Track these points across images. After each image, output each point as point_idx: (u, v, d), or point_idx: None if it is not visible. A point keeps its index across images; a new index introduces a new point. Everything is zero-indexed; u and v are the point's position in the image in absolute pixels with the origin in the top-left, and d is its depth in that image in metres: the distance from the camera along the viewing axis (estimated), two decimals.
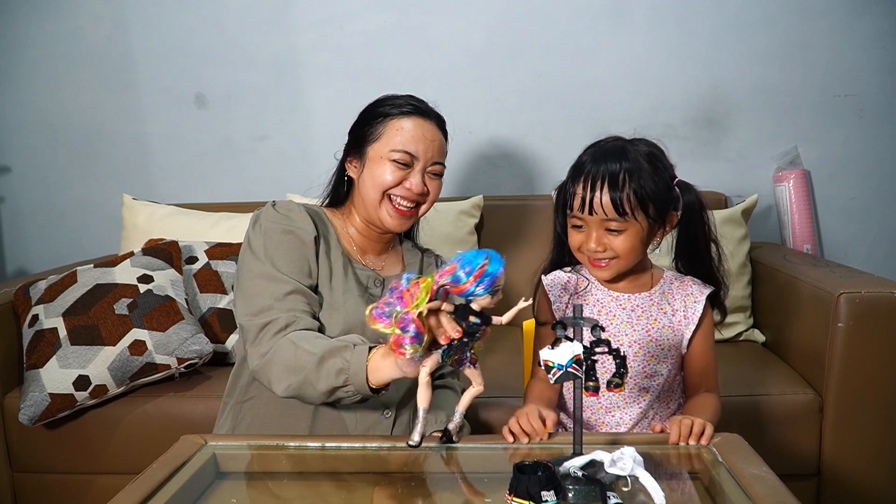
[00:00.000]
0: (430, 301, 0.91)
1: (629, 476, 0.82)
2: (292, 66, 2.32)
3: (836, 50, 2.20)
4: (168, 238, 1.95)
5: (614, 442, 0.98)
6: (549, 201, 2.14)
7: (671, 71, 2.24)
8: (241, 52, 2.31)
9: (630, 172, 1.12)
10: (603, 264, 1.17)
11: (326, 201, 1.39)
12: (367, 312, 0.93)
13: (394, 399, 1.26)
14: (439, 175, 1.32)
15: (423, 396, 0.94)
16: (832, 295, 1.53)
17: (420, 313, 0.90)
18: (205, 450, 1.00)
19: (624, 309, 1.22)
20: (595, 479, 0.84)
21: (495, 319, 0.94)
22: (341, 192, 1.38)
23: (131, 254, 1.83)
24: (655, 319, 1.21)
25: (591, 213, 1.13)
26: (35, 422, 1.59)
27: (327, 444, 1.00)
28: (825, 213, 2.27)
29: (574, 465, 0.85)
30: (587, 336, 0.88)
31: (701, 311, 1.21)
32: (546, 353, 0.85)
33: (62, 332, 1.65)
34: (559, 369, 0.84)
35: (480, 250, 0.91)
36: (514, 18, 2.26)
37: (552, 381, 0.85)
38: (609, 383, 0.87)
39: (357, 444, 1.01)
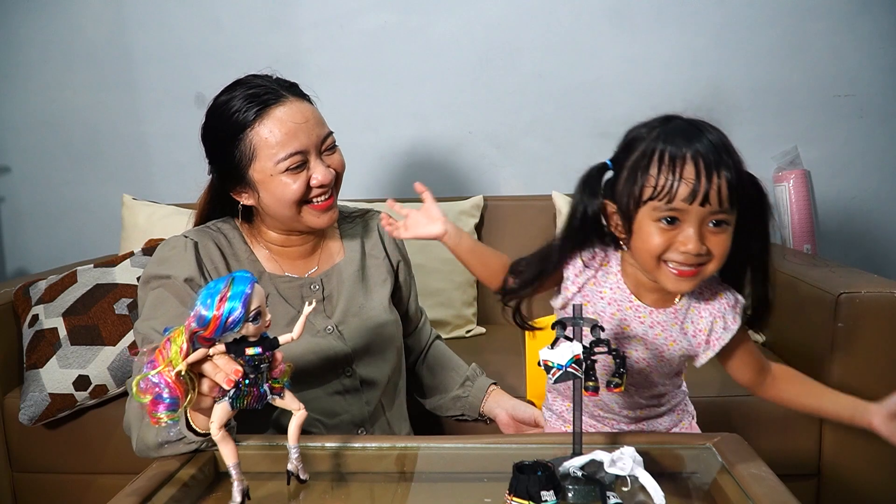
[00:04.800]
0: (191, 352, 0.79)
1: (629, 476, 0.82)
2: (292, 66, 2.29)
3: (836, 50, 2.20)
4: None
5: (614, 442, 0.98)
6: (549, 201, 2.15)
7: (671, 71, 2.24)
8: (241, 52, 2.30)
9: (726, 150, 0.94)
10: (694, 271, 0.93)
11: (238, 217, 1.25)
12: (134, 388, 0.79)
13: (365, 415, 1.23)
14: (335, 145, 1.18)
15: (225, 453, 0.82)
16: (832, 295, 1.52)
17: (179, 372, 0.78)
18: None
19: (642, 322, 1.02)
20: (595, 479, 0.84)
21: (283, 338, 0.84)
22: (226, 211, 1.25)
23: (131, 254, 1.83)
24: (674, 341, 1.02)
25: (703, 204, 0.89)
26: (35, 422, 1.59)
27: (326, 445, 1.00)
28: (825, 213, 2.27)
29: (574, 464, 0.85)
30: (587, 336, 0.88)
31: (728, 340, 1.00)
32: (545, 353, 0.85)
33: (62, 332, 1.65)
34: (559, 369, 0.84)
35: (223, 277, 0.79)
36: (514, 18, 2.26)
37: (552, 382, 0.85)
38: (609, 383, 0.87)
39: (356, 444, 1.01)
